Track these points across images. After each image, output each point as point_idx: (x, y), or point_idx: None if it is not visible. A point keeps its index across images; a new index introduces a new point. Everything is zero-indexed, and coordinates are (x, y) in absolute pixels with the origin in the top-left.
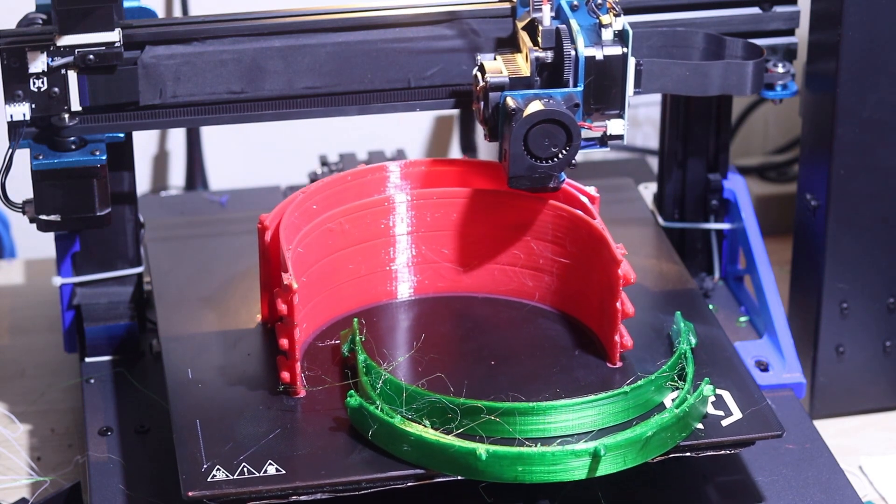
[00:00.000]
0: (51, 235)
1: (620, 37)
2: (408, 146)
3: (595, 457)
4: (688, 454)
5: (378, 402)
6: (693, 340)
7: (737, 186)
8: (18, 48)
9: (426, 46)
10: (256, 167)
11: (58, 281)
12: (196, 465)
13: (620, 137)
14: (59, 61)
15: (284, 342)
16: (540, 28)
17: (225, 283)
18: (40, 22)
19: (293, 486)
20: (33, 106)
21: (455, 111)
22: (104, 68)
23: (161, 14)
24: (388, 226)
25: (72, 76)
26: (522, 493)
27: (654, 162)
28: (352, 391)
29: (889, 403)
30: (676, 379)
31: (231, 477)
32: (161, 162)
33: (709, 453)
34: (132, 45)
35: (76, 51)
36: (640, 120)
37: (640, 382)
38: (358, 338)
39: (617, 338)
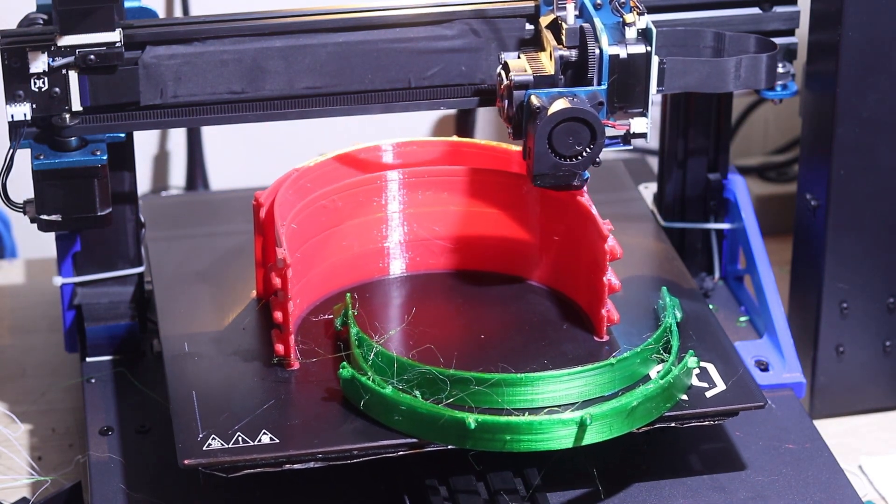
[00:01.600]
0: (52, 235)
1: (644, 35)
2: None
3: (581, 426)
4: (672, 424)
5: (370, 374)
6: (678, 315)
7: (737, 186)
8: (19, 48)
9: (426, 46)
10: (256, 167)
11: (58, 281)
12: (192, 434)
13: (644, 136)
14: (59, 61)
15: (279, 315)
16: (564, 26)
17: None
18: (41, 22)
19: (286, 454)
20: (34, 106)
21: (455, 111)
22: (105, 68)
23: (161, 14)
24: (381, 203)
25: (72, 76)
26: (511, 462)
27: (654, 162)
28: (344, 363)
29: (889, 403)
30: (662, 351)
31: (226, 446)
32: (162, 162)
33: (693, 423)
34: (133, 46)
35: (77, 51)
36: None
37: (625, 354)
38: (350, 311)
39: (604, 312)
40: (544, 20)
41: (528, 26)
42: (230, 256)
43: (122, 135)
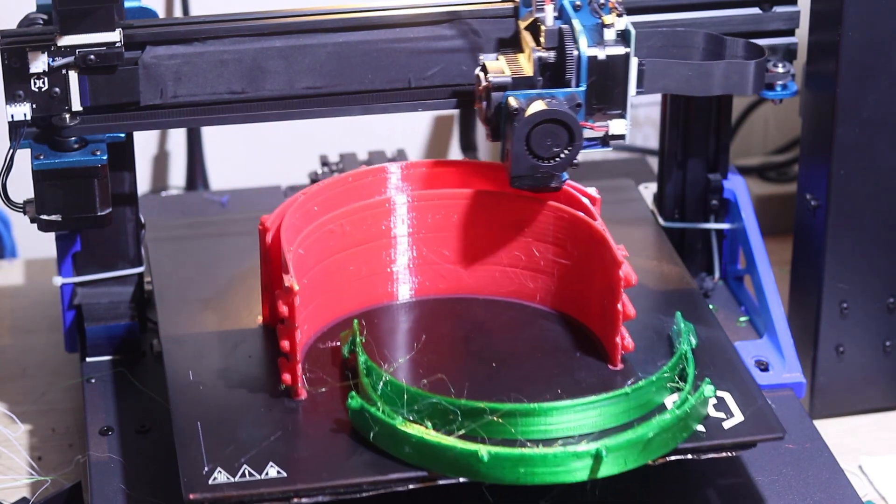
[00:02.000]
0: (51, 235)
1: (623, 36)
2: (408, 146)
3: (597, 458)
4: (689, 456)
5: (379, 404)
6: (693, 341)
7: (737, 186)
8: (19, 48)
9: (426, 46)
10: (256, 167)
11: (58, 281)
12: (197, 467)
13: (622, 137)
14: (59, 61)
15: (286, 344)
16: (543, 28)
17: (226, 284)
18: (41, 22)
19: (294, 488)
20: (34, 106)
21: (455, 111)
22: (105, 68)
23: (161, 14)
24: (389, 227)
25: (72, 76)
26: (524, 494)
27: (654, 162)
28: (353, 392)
29: (889, 403)
30: (677, 380)
31: (232, 479)
32: (161, 162)
33: (710, 455)
34: (133, 46)
35: (77, 51)
36: (640, 120)
37: (640, 383)
38: (358, 339)
39: (618, 339)
40: (523, 22)
41: (508, 27)
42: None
43: (122, 135)
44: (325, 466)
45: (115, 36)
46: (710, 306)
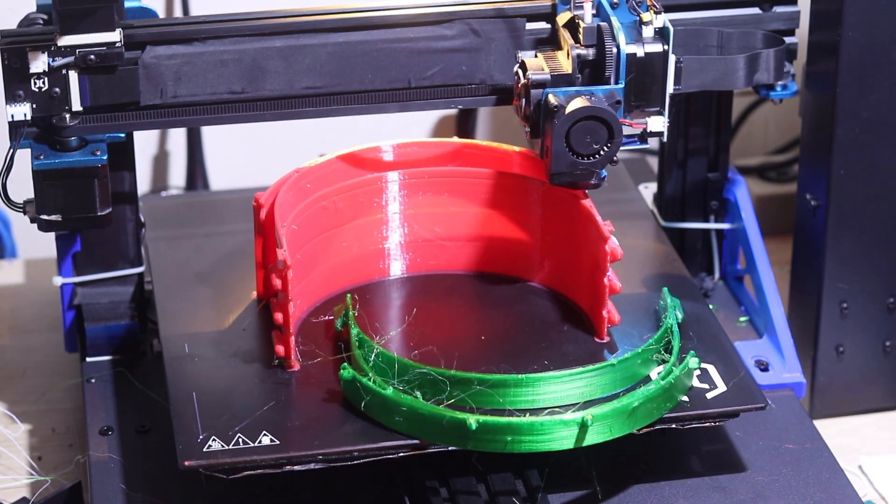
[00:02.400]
0: (51, 235)
1: (661, 34)
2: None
3: (582, 426)
4: (673, 426)
5: (371, 375)
6: (679, 315)
7: (737, 186)
8: (19, 48)
9: (426, 46)
10: (256, 167)
11: (58, 281)
12: (192, 435)
13: (661, 134)
14: (59, 61)
15: (279, 316)
16: (581, 25)
17: (224, 279)
18: (41, 22)
19: (287, 455)
20: (34, 106)
21: (455, 111)
22: (105, 68)
23: (161, 14)
24: (381, 204)
25: (73, 76)
26: (512, 463)
27: (654, 162)
28: (345, 364)
29: (889, 403)
30: (662, 352)
31: (226, 447)
32: (161, 162)
33: (693, 425)
34: (133, 46)
35: (77, 51)
36: None
37: (626, 355)
38: (351, 312)
39: (604, 313)
40: (561, 19)
41: (545, 25)
42: (230, 256)
43: (122, 135)
44: (317, 435)
45: (115, 36)
46: (710, 306)
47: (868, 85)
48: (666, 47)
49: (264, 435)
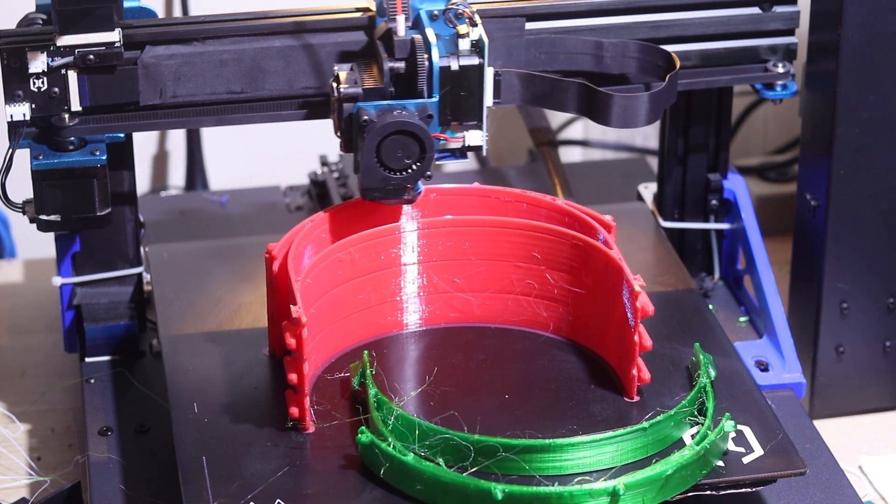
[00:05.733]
0: (51, 235)
1: (477, 47)
2: None
3: (614, 496)
4: (708, 492)
5: (390, 439)
6: (713, 373)
7: (737, 186)
8: (18, 48)
9: None
10: (256, 167)
11: (58, 281)
12: (202, 503)
13: (479, 149)
14: (59, 61)
15: (293, 377)
16: (395, 38)
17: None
18: (40, 22)
19: None
20: (33, 106)
21: None
22: (104, 68)
23: (161, 14)
24: (399, 255)
25: (72, 76)
26: None
27: (654, 162)
28: (363, 427)
29: (889, 403)
30: (696, 414)
31: None
32: (161, 162)
33: (729, 491)
34: (132, 45)
35: (76, 51)
36: None
37: (659, 418)
38: (368, 371)
39: (634, 371)
40: (378, 31)
41: (363, 37)
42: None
43: (122, 135)
44: (334, 503)
45: (114, 36)
46: (710, 306)
47: (868, 85)
48: (481, 60)
49: (278, 503)
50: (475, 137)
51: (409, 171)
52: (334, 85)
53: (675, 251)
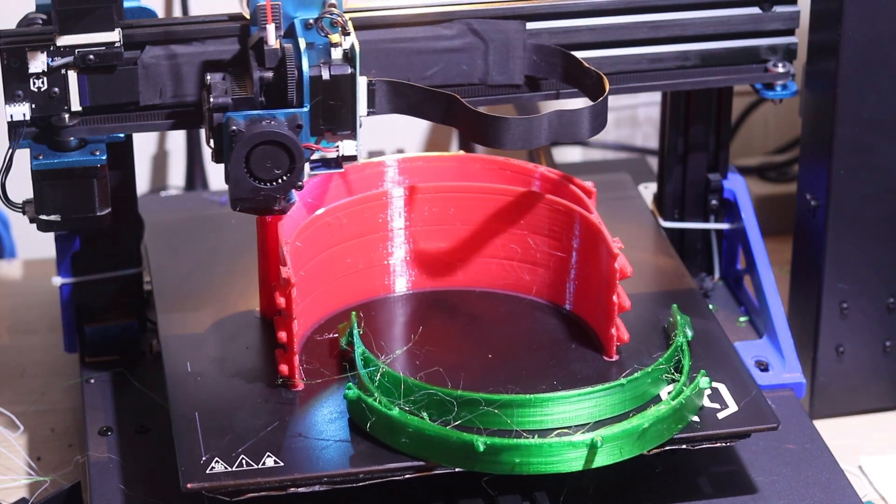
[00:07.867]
0: (51, 235)
1: (349, 56)
2: (408, 146)
3: (592, 448)
4: (683, 446)
5: (376, 395)
6: (689, 333)
7: (737, 186)
8: (18, 48)
9: (426, 46)
10: None
11: (58, 281)
12: (195, 457)
13: (354, 158)
14: (59, 61)
15: (283, 335)
16: (265, 47)
17: (224, 278)
18: (40, 22)
19: (291, 477)
20: (33, 106)
21: None
22: (104, 68)
23: (161, 14)
24: (386, 220)
25: (72, 76)
26: (520, 485)
27: (654, 162)
28: (350, 383)
29: (889, 403)
30: (673, 371)
31: (229, 469)
32: (161, 162)
33: (704, 445)
34: (132, 46)
35: (76, 51)
36: (640, 120)
37: (636, 374)
38: (356, 331)
39: (613, 331)
40: (251, 40)
41: (236, 47)
42: (230, 256)
43: (122, 135)
44: (322, 456)
45: (114, 36)
46: (710, 306)
47: (868, 85)
48: (353, 70)
49: (268, 456)
50: (349, 147)
51: (279, 181)
52: (206, 94)
53: (675, 251)
